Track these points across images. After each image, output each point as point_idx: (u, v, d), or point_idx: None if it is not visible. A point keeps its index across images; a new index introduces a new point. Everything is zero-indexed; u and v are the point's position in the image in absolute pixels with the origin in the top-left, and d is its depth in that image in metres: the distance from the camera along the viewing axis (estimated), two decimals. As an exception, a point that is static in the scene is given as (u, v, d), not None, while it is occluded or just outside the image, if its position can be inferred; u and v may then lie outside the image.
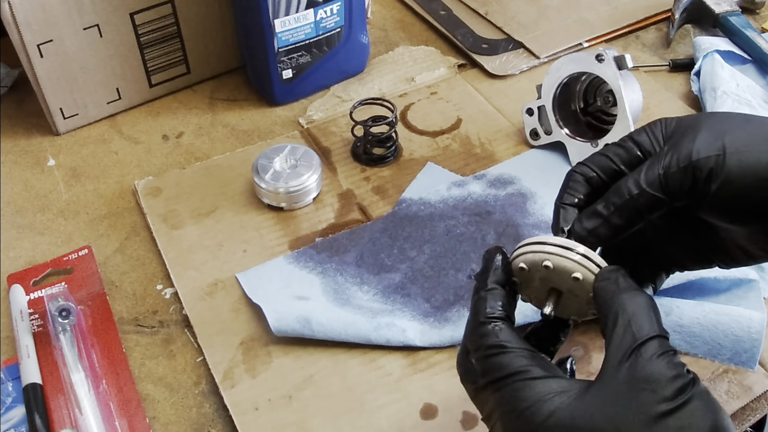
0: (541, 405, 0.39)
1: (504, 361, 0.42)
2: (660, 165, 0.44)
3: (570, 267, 0.44)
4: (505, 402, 0.41)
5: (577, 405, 0.39)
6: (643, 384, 0.38)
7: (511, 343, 0.42)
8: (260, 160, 0.72)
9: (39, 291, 0.65)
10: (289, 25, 0.77)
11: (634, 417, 0.37)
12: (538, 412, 0.39)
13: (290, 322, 0.60)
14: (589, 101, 0.76)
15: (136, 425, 0.57)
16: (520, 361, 0.41)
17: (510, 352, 0.42)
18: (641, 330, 0.40)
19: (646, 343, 0.39)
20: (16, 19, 0.72)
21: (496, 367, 0.42)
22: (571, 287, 0.45)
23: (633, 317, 0.40)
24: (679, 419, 0.37)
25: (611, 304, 0.41)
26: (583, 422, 0.38)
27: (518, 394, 0.40)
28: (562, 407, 0.39)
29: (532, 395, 0.40)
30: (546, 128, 0.76)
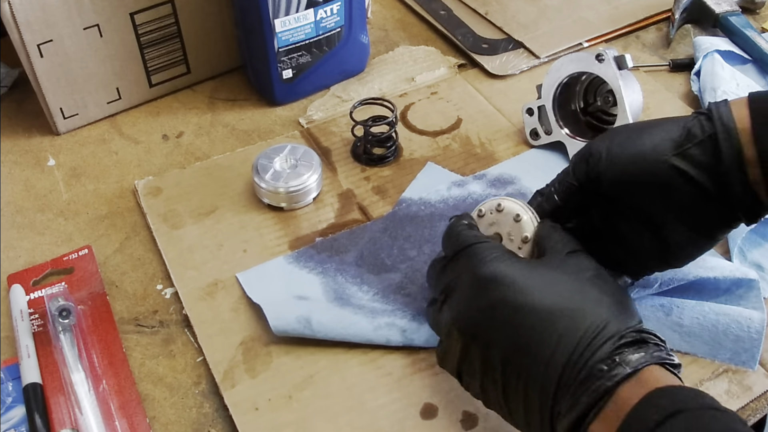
0: (500, 258, 0.50)
1: (472, 235, 0.53)
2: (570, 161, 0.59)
3: (516, 208, 0.56)
4: (472, 256, 0.51)
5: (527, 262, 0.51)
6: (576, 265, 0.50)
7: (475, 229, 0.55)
8: (260, 160, 0.72)
9: (39, 291, 0.65)
10: (289, 25, 0.77)
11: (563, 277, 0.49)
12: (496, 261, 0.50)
13: (290, 321, 0.60)
14: (589, 101, 0.76)
15: (136, 425, 0.57)
16: (482, 236, 0.54)
17: (478, 233, 0.55)
18: (571, 243, 0.52)
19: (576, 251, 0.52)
20: (16, 19, 0.72)
21: (465, 237, 0.53)
22: (511, 230, 0.56)
23: (566, 238, 0.53)
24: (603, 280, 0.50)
25: (551, 233, 0.54)
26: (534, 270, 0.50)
27: (481, 249, 0.51)
28: (515, 259, 0.51)
29: (491, 252, 0.51)
30: (546, 128, 0.76)
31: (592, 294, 0.48)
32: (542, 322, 0.46)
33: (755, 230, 0.65)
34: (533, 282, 0.48)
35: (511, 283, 0.48)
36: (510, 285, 0.48)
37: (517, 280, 0.48)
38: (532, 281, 0.48)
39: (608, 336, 0.45)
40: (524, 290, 0.48)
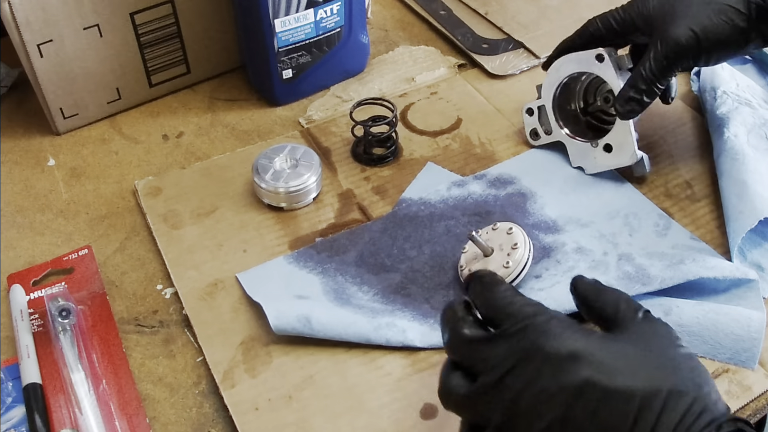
0: (576, 333, 0.45)
1: (535, 308, 0.47)
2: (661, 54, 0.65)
3: (509, 224, 0.64)
4: (543, 331, 0.45)
5: (610, 337, 0.46)
6: (657, 331, 0.47)
7: (532, 300, 0.49)
8: (260, 160, 0.72)
9: (39, 291, 0.65)
10: (289, 25, 0.77)
11: (654, 350, 0.45)
12: (573, 336, 0.45)
13: (290, 320, 0.60)
14: (589, 101, 0.76)
15: (136, 425, 0.57)
16: (549, 309, 0.47)
17: (540, 305, 0.48)
18: (637, 304, 0.49)
19: (647, 313, 0.48)
20: (16, 19, 0.72)
21: (531, 311, 0.47)
22: (503, 242, 0.63)
23: (623, 297, 0.50)
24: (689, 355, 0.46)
25: (602, 293, 0.50)
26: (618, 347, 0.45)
27: (553, 323, 0.46)
28: (592, 334, 0.46)
29: (565, 326, 0.46)
30: (546, 128, 0.76)
31: (683, 371, 0.44)
32: (635, 406, 0.43)
33: (755, 230, 0.65)
34: (620, 362, 0.44)
35: (597, 363, 0.44)
36: (596, 365, 0.43)
37: (604, 360, 0.44)
38: (619, 361, 0.44)
39: (705, 424, 0.42)
40: (612, 371, 0.43)
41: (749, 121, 0.74)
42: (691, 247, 0.66)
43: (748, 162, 0.69)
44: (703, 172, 0.74)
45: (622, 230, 0.68)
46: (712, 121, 0.76)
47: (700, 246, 0.66)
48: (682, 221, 0.69)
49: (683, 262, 0.62)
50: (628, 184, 0.72)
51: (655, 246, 0.66)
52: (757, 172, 0.68)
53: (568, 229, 0.68)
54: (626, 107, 0.67)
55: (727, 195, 0.68)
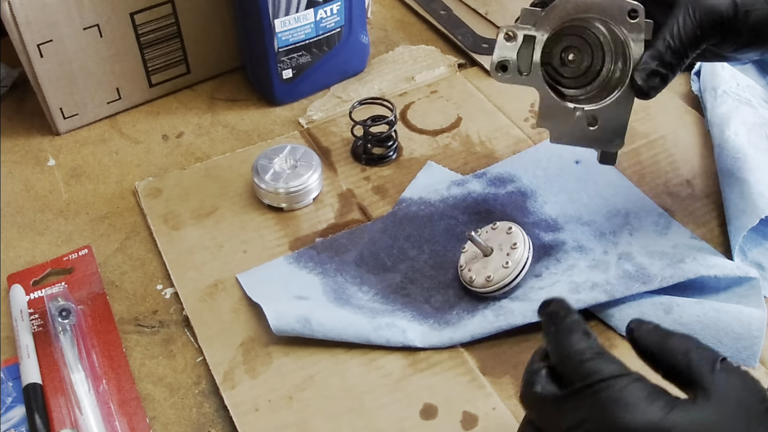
0: (658, 402, 0.39)
1: (609, 365, 0.41)
2: (693, 21, 0.55)
3: (508, 223, 0.62)
4: (615, 399, 0.40)
5: (695, 409, 0.40)
6: (743, 388, 0.41)
7: (611, 355, 0.42)
8: (260, 161, 0.72)
9: (39, 291, 0.65)
10: (289, 25, 0.77)
11: (741, 415, 0.39)
12: (656, 408, 0.39)
13: (290, 321, 0.60)
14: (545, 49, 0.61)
15: (136, 425, 0.57)
16: (625, 368, 0.41)
17: (615, 361, 0.42)
18: (711, 352, 0.42)
19: (725, 360, 0.42)
20: (16, 19, 0.72)
21: (603, 369, 0.41)
22: (502, 241, 0.61)
23: (693, 344, 0.43)
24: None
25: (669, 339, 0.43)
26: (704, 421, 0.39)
27: (631, 391, 0.40)
28: (673, 404, 0.39)
29: (645, 394, 0.40)
30: (524, 66, 0.59)
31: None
32: None
33: (756, 230, 0.65)
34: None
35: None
36: None
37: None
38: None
39: None
40: None
41: (750, 120, 0.74)
42: (691, 245, 0.66)
43: (749, 161, 0.69)
44: (704, 171, 0.74)
45: (622, 229, 0.68)
46: (713, 120, 0.76)
47: (701, 245, 0.66)
48: (682, 220, 0.69)
49: (684, 260, 0.62)
50: (629, 183, 0.72)
51: (655, 245, 0.66)
52: (758, 171, 0.68)
53: (568, 228, 0.68)
54: (649, 82, 0.56)
55: (728, 194, 0.68)
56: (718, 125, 0.74)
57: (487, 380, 0.58)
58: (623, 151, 0.75)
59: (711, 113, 0.76)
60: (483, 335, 0.60)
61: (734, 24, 0.55)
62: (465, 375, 0.59)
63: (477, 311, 0.61)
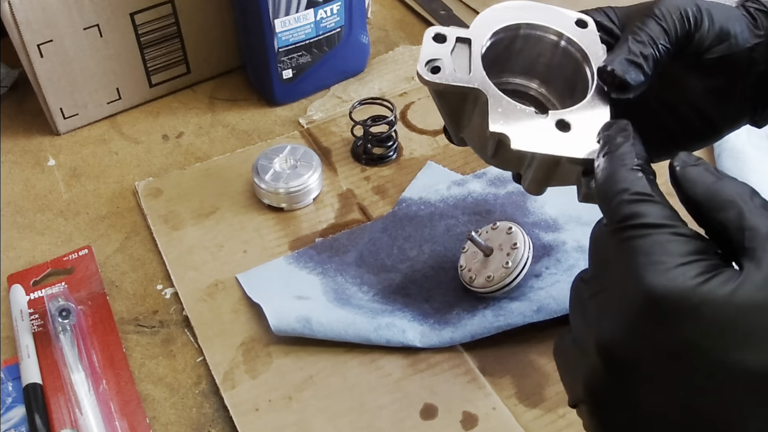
0: (696, 266, 0.32)
1: (652, 210, 0.35)
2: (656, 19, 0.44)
3: (509, 223, 0.61)
4: (646, 252, 0.33)
5: (738, 278, 0.32)
6: None
7: (661, 197, 0.36)
8: (260, 161, 0.72)
9: (39, 291, 0.65)
10: (289, 25, 0.77)
11: None
12: (693, 272, 0.32)
13: (290, 321, 0.60)
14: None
15: (136, 425, 0.57)
16: (669, 215, 0.35)
17: (659, 203, 0.35)
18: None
19: None
20: (16, 19, 0.72)
21: (641, 213, 0.35)
22: (502, 242, 0.59)
23: (755, 201, 0.36)
24: None
25: (720, 190, 0.36)
26: (747, 296, 0.32)
27: (667, 246, 0.33)
28: (720, 276, 0.32)
29: (683, 252, 0.33)
30: (458, 69, 0.47)
31: None
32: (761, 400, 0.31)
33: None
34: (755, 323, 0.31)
35: (716, 323, 0.31)
36: (714, 325, 0.31)
37: (730, 317, 0.31)
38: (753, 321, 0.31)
39: None
40: (737, 337, 0.31)
41: (750, 120, 0.74)
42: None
43: (750, 161, 0.69)
44: (704, 172, 0.73)
45: (622, 230, 0.68)
46: (713, 120, 0.76)
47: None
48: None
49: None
50: (629, 184, 0.72)
51: (655, 245, 0.66)
52: (759, 171, 0.68)
53: (568, 228, 0.68)
54: (624, 67, 0.43)
55: (727, 194, 0.68)
56: (718, 125, 0.74)
57: (487, 380, 0.58)
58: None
59: (711, 113, 0.76)
60: (483, 335, 0.60)
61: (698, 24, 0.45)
62: (465, 375, 0.59)
63: (477, 311, 0.61)
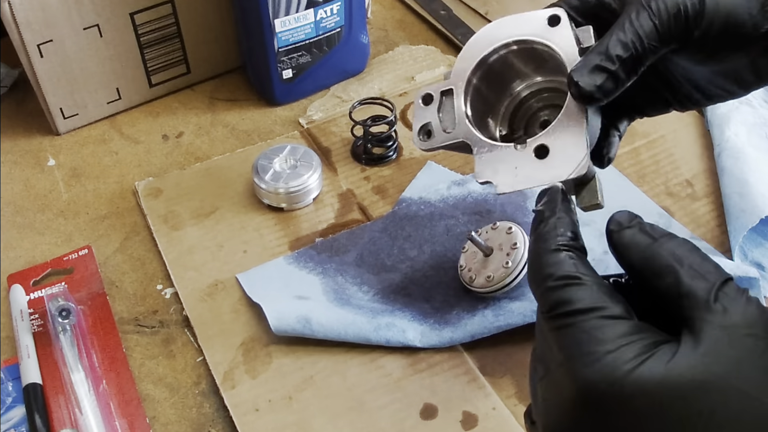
0: (625, 352, 0.32)
1: (578, 294, 0.34)
2: (651, 14, 0.41)
3: (508, 223, 0.56)
4: (574, 343, 0.33)
5: (671, 357, 0.31)
6: (745, 330, 0.31)
7: (588, 276, 0.35)
8: (260, 161, 0.72)
9: (39, 291, 0.65)
10: (289, 25, 0.77)
11: (743, 368, 0.31)
12: (622, 359, 0.31)
13: (290, 321, 0.60)
14: (515, 129, 0.52)
15: (136, 425, 0.57)
16: (597, 296, 0.34)
17: (586, 285, 0.35)
18: (710, 274, 0.34)
19: (724, 286, 0.33)
20: (16, 19, 0.72)
21: (566, 300, 0.34)
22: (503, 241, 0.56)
23: (692, 262, 0.34)
24: None
25: (656, 254, 0.36)
26: (681, 377, 0.30)
27: (594, 334, 0.32)
28: (653, 358, 0.31)
29: (611, 338, 0.32)
30: (446, 125, 0.50)
31: None
32: None
33: (756, 229, 0.65)
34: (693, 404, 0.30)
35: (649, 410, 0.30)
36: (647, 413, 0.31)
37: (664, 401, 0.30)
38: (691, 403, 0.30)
39: None
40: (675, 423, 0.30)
41: (749, 120, 0.74)
42: (691, 246, 0.66)
43: (750, 161, 0.69)
44: (704, 171, 0.73)
45: (622, 230, 0.68)
46: (713, 120, 0.76)
47: (701, 245, 0.66)
48: (682, 220, 0.69)
49: (684, 261, 0.62)
50: (629, 182, 0.72)
51: (655, 245, 0.66)
52: (759, 171, 0.68)
53: (568, 229, 0.68)
54: (590, 78, 0.40)
55: (728, 193, 0.68)
56: (718, 125, 0.74)
57: (487, 380, 0.58)
58: (623, 151, 0.75)
59: (711, 113, 0.76)
60: (483, 335, 0.60)
61: (700, 17, 0.41)
62: (465, 375, 0.59)
63: (477, 311, 0.61)
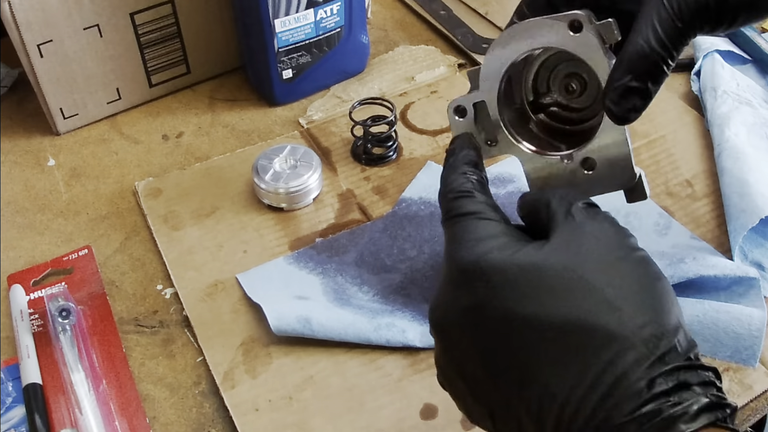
0: (490, 241, 0.39)
1: (466, 203, 0.42)
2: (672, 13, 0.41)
3: None
4: (454, 235, 0.41)
5: (528, 247, 0.39)
6: (593, 235, 0.39)
7: (479, 193, 0.44)
8: (260, 161, 0.72)
9: (39, 291, 0.65)
10: (289, 25, 0.77)
11: (582, 260, 0.37)
12: (485, 246, 0.39)
13: (290, 321, 0.60)
14: (540, 90, 0.52)
15: (136, 425, 0.57)
16: (481, 206, 0.42)
17: (476, 198, 0.43)
18: (574, 198, 0.41)
19: (587, 208, 0.41)
20: (16, 19, 0.72)
21: (459, 207, 0.42)
22: None
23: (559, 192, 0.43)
24: (631, 267, 0.37)
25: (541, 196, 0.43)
26: (525, 260, 0.38)
27: (469, 228, 0.41)
28: (513, 244, 0.39)
29: (482, 231, 0.40)
30: (489, 136, 0.50)
31: (627, 286, 0.36)
32: (541, 341, 0.35)
33: (756, 230, 0.65)
34: (533, 279, 0.36)
35: (500, 282, 0.37)
36: (498, 284, 0.37)
37: (510, 277, 0.37)
38: (531, 278, 0.36)
39: (636, 379, 0.33)
40: (517, 292, 0.37)
41: (750, 120, 0.74)
42: (691, 246, 0.66)
43: (750, 161, 0.69)
44: (704, 171, 0.74)
45: (622, 230, 0.68)
46: (713, 120, 0.76)
47: (701, 245, 0.66)
48: (682, 220, 0.69)
49: (684, 260, 0.62)
50: (629, 184, 0.72)
51: (655, 245, 0.66)
52: (759, 171, 0.68)
53: (568, 229, 0.68)
54: (625, 104, 0.43)
55: (728, 194, 0.68)
56: (718, 125, 0.74)
57: (487, 380, 0.58)
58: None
59: (711, 113, 0.76)
60: (483, 335, 0.60)
61: (722, 5, 0.41)
62: (465, 375, 0.59)
63: (477, 311, 0.61)
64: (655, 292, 0.36)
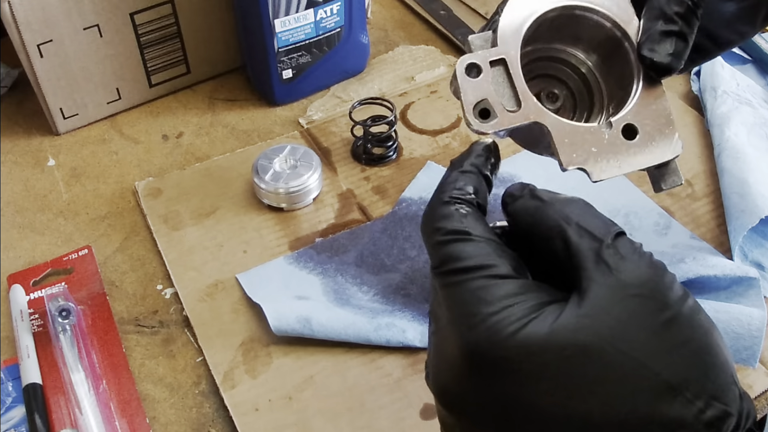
0: (510, 313, 0.31)
1: (465, 251, 0.34)
2: None
3: None
4: (460, 302, 0.32)
5: (561, 317, 0.31)
6: (633, 289, 0.31)
7: (477, 231, 0.35)
8: (260, 161, 0.72)
9: (39, 291, 0.65)
10: (289, 25, 0.77)
11: (629, 330, 0.30)
12: (505, 321, 0.31)
13: (290, 321, 0.60)
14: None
15: (136, 425, 0.57)
16: (484, 253, 0.34)
17: (473, 241, 0.34)
18: (598, 230, 0.33)
19: (615, 241, 0.33)
20: (16, 19, 0.72)
21: (453, 257, 0.34)
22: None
23: (580, 220, 0.34)
24: (681, 330, 0.31)
25: (544, 216, 0.35)
26: (565, 339, 0.30)
27: (479, 295, 0.32)
28: (538, 319, 0.31)
29: (496, 299, 0.32)
30: (508, 102, 0.42)
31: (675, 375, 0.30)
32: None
33: (756, 230, 0.65)
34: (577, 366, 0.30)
35: (534, 373, 0.30)
36: (533, 375, 0.30)
37: (548, 363, 0.30)
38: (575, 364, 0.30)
39: None
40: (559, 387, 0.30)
41: (749, 120, 0.74)
42: (691, 246, 0.66)
43: (749, 161, 0.69)
44: (704, 171, 0.74)
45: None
46: (713, 120, 0.76)
47: (701, 245, 0.66)
48: (682, 220, 0.69)
49: (684, 260, 0.62)
50: (629, 182, 0.72)
51: (655, 245, 0.66)
52: (759, 171, 0.68)
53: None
54: (662, 49, 0.39)
55: (728, 193, 0.68)
56: (718, 125, 0.74)
57: (487, 380, 0.58)
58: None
59: (711, 113, 0.76)
60: (483, 335, 0.60)
61: None
62: (465, 375, 0.59)
63: (477, 311, 0.61)
64: (709, 357, 0.31)
